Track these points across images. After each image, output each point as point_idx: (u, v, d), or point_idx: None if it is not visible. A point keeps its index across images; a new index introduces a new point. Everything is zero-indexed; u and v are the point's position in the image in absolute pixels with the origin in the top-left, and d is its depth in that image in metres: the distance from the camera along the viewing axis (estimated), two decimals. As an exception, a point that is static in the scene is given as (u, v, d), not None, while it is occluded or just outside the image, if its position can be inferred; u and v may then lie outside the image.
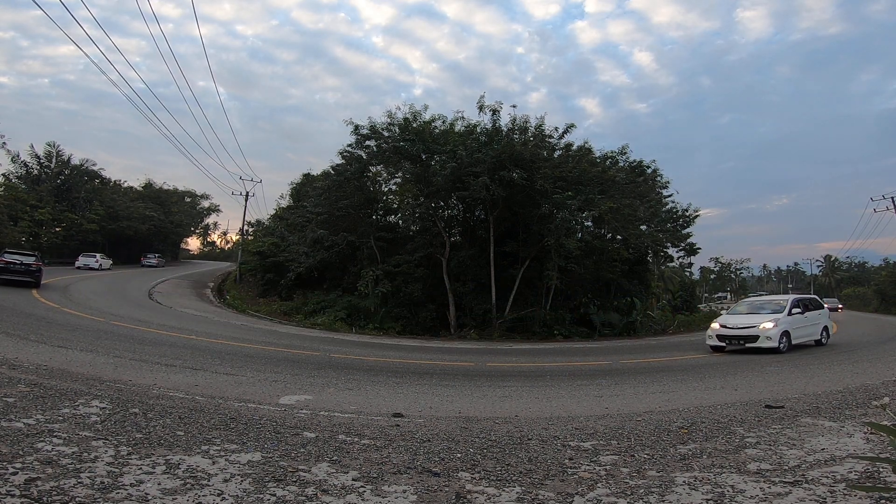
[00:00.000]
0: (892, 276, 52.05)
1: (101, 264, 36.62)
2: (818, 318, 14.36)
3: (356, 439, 3.81)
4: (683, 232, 27.86)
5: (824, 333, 14.57)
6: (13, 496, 2.24)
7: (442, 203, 22.94)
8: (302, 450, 3.40)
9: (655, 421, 4.83)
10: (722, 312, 19.34)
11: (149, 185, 63.11)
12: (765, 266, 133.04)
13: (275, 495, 2.53)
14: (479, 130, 21.31)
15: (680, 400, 6.58)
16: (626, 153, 23.43)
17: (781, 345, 12.44)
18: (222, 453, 3.17)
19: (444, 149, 19.98)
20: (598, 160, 22.01)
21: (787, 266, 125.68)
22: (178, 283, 32.05)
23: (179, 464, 2.88)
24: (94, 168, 51.00)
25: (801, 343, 13.41)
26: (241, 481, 2.70)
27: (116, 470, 2.69)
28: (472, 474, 3.07)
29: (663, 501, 2.65)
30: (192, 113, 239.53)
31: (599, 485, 2.91)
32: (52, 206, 41.01)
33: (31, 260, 19.92)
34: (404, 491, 2.73)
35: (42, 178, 45.80)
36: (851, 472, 3.09)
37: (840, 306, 43.32)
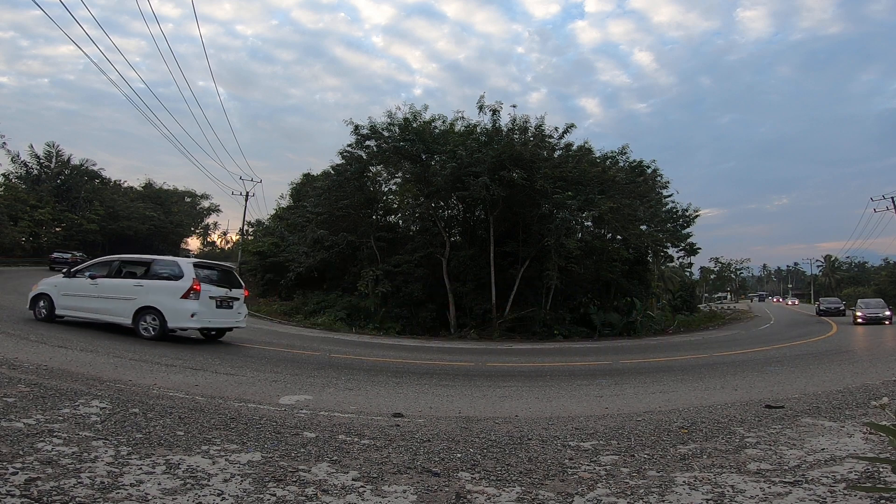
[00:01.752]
0: (892, 276, 52.09)
1: (192, 257, 53.31)
2: (132, 290, 9.60)
3: (356, 439, 3.81)
4: (683, 232, 27.92)
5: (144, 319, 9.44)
6: (13, 496, 2.24)
7: (442, 203, 22.94)
8: (302, 450, 3.40)
9: (655, 421, 4.83)
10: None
11: (149, 185, 63.13)
12: (765, 266, 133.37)
13: (275, 495, 2.53)
14: (479, 130, 21.32)
15: (680, 400, 6.58)
16: (626, 153, 23.48)
17: (36, 311, 10.31)
18: (222, 453, 3.17)
19: (444, 149, 19.98)
20: (598, 160, 22.01)
21: (787, 266, 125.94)
22: (178, 283, 32.03)
23: (179, 464, 2.88)
24: (94, 168, 51.09)
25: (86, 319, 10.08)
26: (241, 481, 2.69)
27: (116, 470, 2.69)
28: (472, 474, 3.07)
29: (663, 501, 2.65)
30: (192, 113, 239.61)
31: (599, 485, 2.91)
32: (52, 206, 41.02)
33: (67, 256, 34.14)
34: (404, 491, 2.73)
35: (42, 178, 45.81)
36: (851, 472, 3.09)
37: (888, 313, 25.33)
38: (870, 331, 20.89)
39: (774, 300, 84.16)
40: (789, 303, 78.05)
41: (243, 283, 11.22)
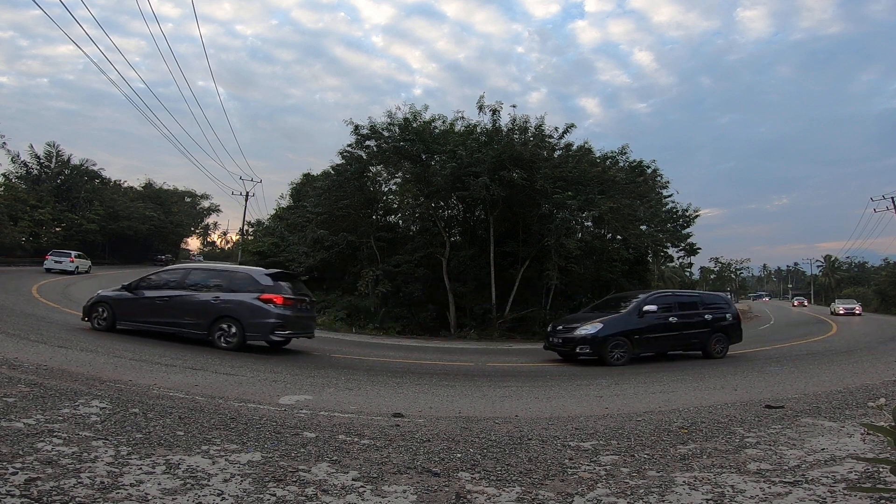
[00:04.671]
0: (892, 276, 51.98)
1: (200, 258, 70.80)
2: None
3: (356, 439, 3.81)
4: (683, 232, 27.90)
5: None
6: (13, 496, 2.24)
7: (442, 203, 22.92)
8: (302, 450, 3.40)
9: (655, 421, 4.83)
10: None
11: (149, 185, 63.13)
12: (765, 266, 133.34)
13: (275, 495, 2.53)
14: (479, 130, 21.30)
15: (680, 400, 6.58)
16: (626, 153, 23.46)
17: None
18: (222, 453, 3.17)
19: (444, 149, 19.96)
20: (598, 160, 21.99)
21: (787, 266, 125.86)
22: (178, 283, 32.00)
23: (179, 464, 2.88)
24: (94, 168, 51.06)
25: None
26: (241, 481, 2.70)
27: (116, 470, 2.69)
28: (472, 474, 3.07)
29: (663, 501, 2.65)
30: (192, 113, 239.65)
31: (599, 485, 2.91)
32: (52, 206, 41.00)
33: (163, 257, 44.57)
34: (404, 491, 2.73)
35: (42, 178, 45.80)
36: (851, 472, 3.09)
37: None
38: (868, 330, 20.85)
39: (796, 303, 62.45)
40: (795, 303, 61.89)
41: None
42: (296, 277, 10.87)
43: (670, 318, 10.93)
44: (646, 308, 10.75)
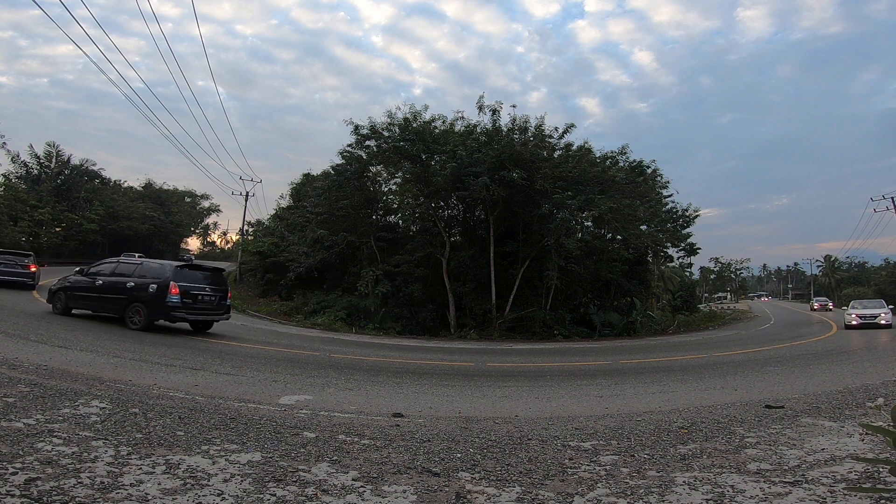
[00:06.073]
0: (892, 276, 52.05)
1: (192, 258, 63.99)
2: None
3: (356, 439, 3.81)
4: (683, 232, 27.89)
5: None
6: (13, 496, 2.24)
7: (442, 203, 22.93)
8: (302, 450, 3.40)
9: (655, 421, 4.83)
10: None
11: (149, 185, 63.11)
12: (765, 266, 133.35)
13: (275, 495, 2.53)
14: (478, 130, 21.31)
15: (680, 400, 6.58)
16: (626, 153, 23.46)
17: None
18: (222, 453, 3.17)
19: (444, 149, 19.97)
20: (598, 160, 22.01)
21: (787, 266, 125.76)
22: (178, 283, 31.99)
23: (179, 464, 2.88)
24: (94, 168, 51.02)
25: None
26: (241, 481, 2.70)
27: (116, 470, 2.69)
28: (472, 474, 3.07)
29: (663, 501, 2.65)
30: (191, 113, 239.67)
31: (599, 485, 2.91)
32: (52, 206, 40.99)
33: (188, 256, 47.54)
34: (404, 491, 2.73)
35: (42, 178, 45.77)
36: (851, 472, 3.09)
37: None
38: (867, 330, 20.75)
39: (817, 305, 48.40)
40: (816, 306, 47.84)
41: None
42: None
43: (97, 282, 11.87)
44: (77, 269, 12.87)
